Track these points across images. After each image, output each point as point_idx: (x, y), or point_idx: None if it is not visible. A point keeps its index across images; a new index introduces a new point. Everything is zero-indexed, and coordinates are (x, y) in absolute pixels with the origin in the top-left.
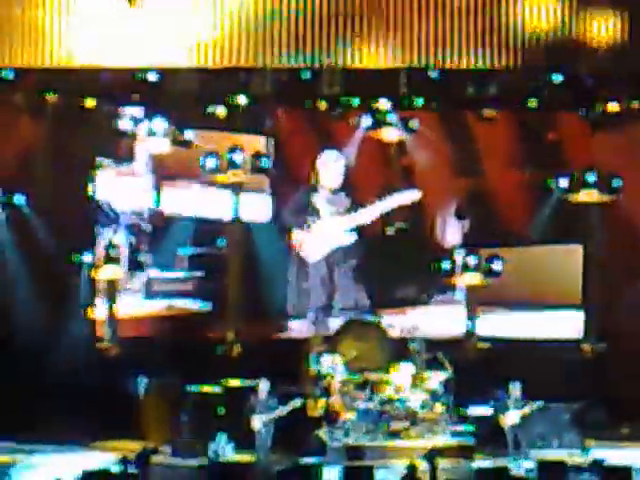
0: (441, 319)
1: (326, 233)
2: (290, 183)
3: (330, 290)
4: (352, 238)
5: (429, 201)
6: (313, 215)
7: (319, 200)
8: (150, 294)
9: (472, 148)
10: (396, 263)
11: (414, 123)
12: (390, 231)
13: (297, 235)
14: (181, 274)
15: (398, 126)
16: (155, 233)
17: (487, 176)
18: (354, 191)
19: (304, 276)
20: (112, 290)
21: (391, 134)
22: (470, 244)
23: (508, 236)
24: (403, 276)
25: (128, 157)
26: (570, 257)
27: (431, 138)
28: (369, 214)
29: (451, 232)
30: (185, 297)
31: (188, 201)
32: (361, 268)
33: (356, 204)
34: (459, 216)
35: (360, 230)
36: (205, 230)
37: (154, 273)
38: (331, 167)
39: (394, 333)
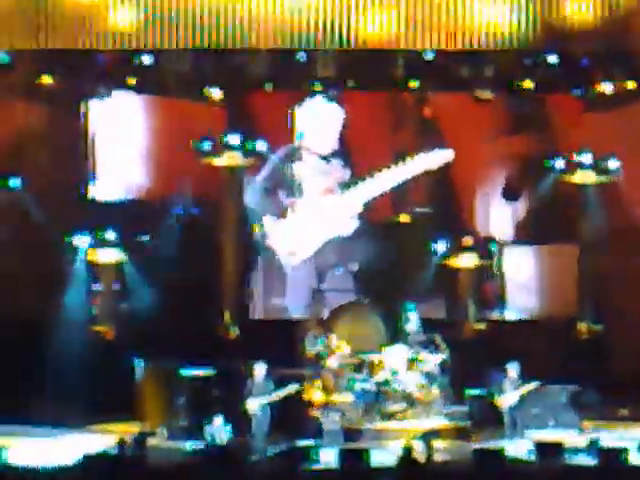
0: None
1: (314, 220)
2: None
3: (318, 310)
4: (351, 227)
5: (464, 173)
6: (294, 193)
7: (303, 170)
8: None
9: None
10: (415, 265)
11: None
12: (406, 217)
13: (269, 224)
14: None
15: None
16: None
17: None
18: (354, 157)
19: (278, 288)
20: (109, 273)
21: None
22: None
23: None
24: (424, 285)
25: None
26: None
27: None
28: (382, 185)
29: (498, 220)
30: None
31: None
32: (366, 273)
33: (358, 176)
34: (509, 196)
35: (361, 216)
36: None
37: None
38: (322, 122)
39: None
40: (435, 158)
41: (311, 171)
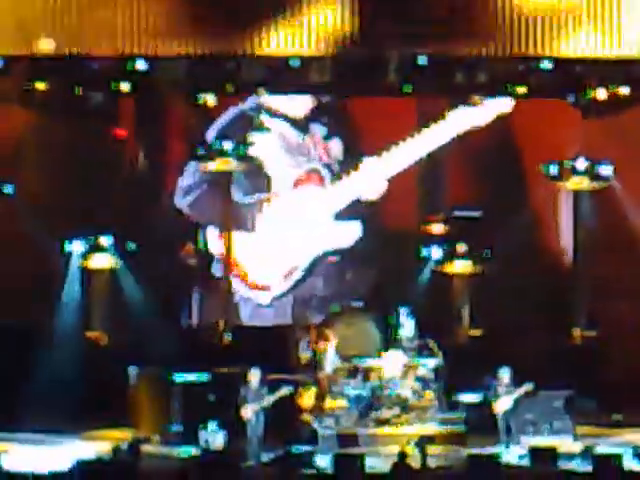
0: None
1: (289, 230)
2: None
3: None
4: (351, 237)
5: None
6: (254, 187)
7: (266, 146)
8: None
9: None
10: (412, 270)
11: None
12: (438, 225)
13: (216, 241)
14: None
15: None
16: None
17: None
18: (350, 121)
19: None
20: (102, 279)
21: None
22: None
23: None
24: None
25: None
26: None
27: None
28: (403, 160)
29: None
30: None
31: None
32: (374, 311)
33: (359, 152)
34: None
35: (367, 217)
36: None
37: None
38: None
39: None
40: (486, 110)
41: (278, 146)
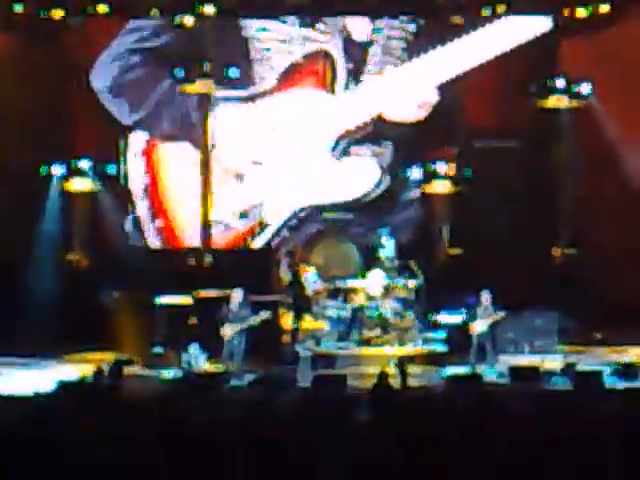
0: None
1: (262, 158)
2: None
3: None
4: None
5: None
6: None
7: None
8: None
9: None
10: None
11: None
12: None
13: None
14: None
15: None
16: None
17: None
18: None
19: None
20: (81, 202)
21: None
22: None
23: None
24: None
25: None
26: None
27: None
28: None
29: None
30: None
31: None
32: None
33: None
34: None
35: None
36: None
37: None
38: None
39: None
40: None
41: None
